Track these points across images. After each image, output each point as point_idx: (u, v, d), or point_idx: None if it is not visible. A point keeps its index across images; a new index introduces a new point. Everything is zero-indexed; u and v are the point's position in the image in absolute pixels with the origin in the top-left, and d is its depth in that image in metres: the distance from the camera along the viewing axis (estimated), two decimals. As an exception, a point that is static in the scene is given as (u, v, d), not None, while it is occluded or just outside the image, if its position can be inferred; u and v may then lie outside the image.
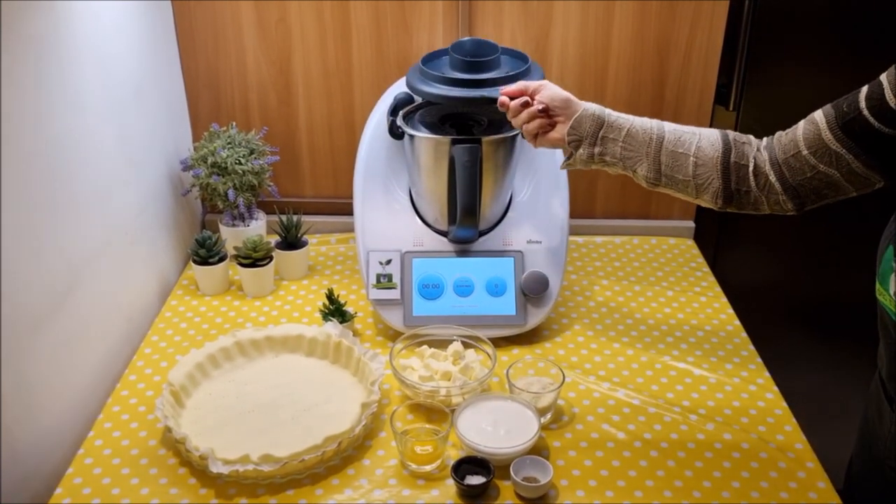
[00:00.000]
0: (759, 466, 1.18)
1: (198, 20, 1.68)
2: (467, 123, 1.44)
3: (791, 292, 1.98)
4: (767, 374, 1.38)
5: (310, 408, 1.28)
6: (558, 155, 1.52)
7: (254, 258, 1.57)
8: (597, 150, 1.17)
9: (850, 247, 1.87)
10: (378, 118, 1.52)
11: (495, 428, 1.20)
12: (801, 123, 1.10)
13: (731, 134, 1.16)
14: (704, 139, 1.15)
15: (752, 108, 1.78)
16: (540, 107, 1.19)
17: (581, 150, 1.18)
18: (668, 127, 1.17)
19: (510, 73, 1.32)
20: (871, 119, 1.01)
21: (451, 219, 1.43)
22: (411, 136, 1.41)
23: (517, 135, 1.41)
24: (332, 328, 1.39)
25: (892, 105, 0.99)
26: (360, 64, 1.71)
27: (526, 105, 1.21)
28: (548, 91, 1.20)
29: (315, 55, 1.70)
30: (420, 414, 1.26)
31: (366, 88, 1.73)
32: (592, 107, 1.18)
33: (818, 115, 1.08)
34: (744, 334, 1.49)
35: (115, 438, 1.22)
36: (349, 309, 1.48)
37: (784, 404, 1.31)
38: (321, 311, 1.48)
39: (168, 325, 1.51)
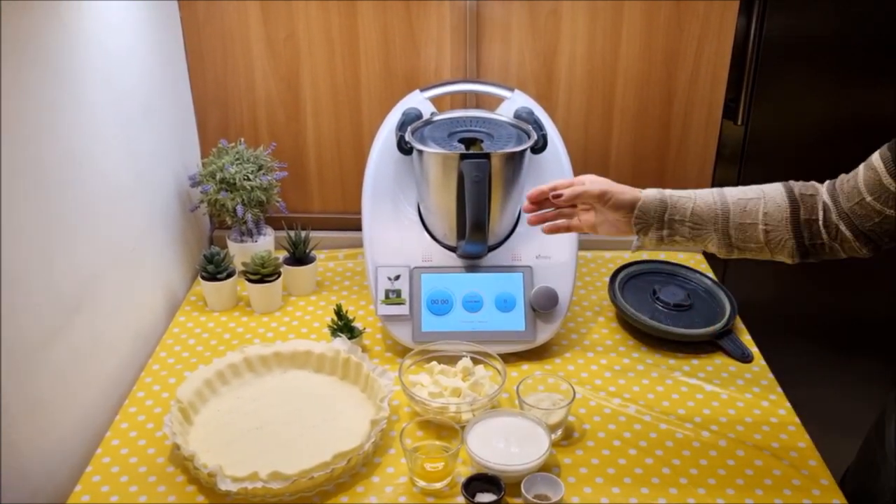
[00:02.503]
0: (773, 483, 1.17)
1: (206, 37, 1.68)
2: (476, 139, 1.44)
3: (801, 308, 1.97)
4: (780, 390, 1.37)
5: (318, 424, 1.27)
6: (566, 168, 1.51)
7: (262, 274, 1.57)
8: (665, 232, 1.15)
9: (861, 262, 1.86)
10: (386, 134, 1.52)
11: (506, 445, 1.19)
12: (861, 169, 1.08)
13: (796, 188, 1.13)
14: (770, 202, 1.12)
15: (761, 123, 1.77)
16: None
17: (649, 235, 1.16)
18: (731, 197, 1.14)
19: None
20: None
21: (461, 234, 1.43)
22: (420, 152, 1.41)
23: (526, 150, 1.41)
24: (341, 344, 1.39)
25: None
26: (369, 80, 1.71)
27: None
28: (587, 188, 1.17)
29: (323, 71, 1.71)
30: (430, 430, 1.25)
31: (374, 104, 1.73)
32: (653, 193, 1.16)
33: (875, 158, 1.05)
34: (755, 349, 1.48)
35: (124, 455, 1.22)
36: (358, 325, 1.47)
37: (797, 420, 1.30)
38: (329, 326, 1.47)
39: (176, 341, 1.51)
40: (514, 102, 1.54)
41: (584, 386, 1.38)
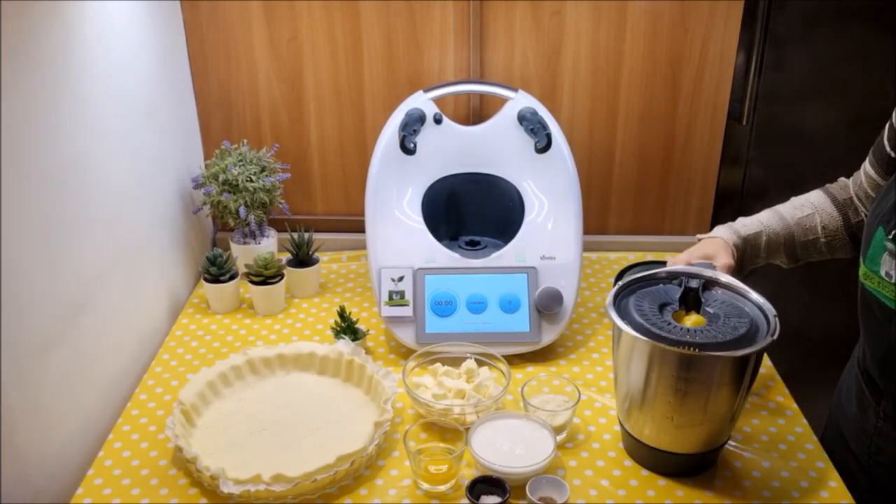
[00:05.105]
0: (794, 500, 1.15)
1: (210, 39, 1.68)
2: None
3: (810, 312, 1.95)
4: (796, 406, 1.33)
5: (322, 426, 1.26)
6: (570, 168, 1.51)
7: (265, 276, 1.56)
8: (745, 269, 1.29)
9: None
10: (390, 135, 1.51)
11: (510, 447, 1.18)
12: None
13: (837, 194, 1.27)
14: (824, 214, 1.26)
15: (765, 123, 1.76)
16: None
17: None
18: (791, 219, 1.27)
19: None
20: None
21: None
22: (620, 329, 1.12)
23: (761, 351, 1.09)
24: (344, 346, 1.38)
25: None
26: (372, 81, 1.71)
27: None
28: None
29: (326, 73, 1.70)
30: (434, 433, 1.25)
31: (377, 105, 1.73)
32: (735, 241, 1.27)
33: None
34: (769, 363, 1.44)
35: (126, 458, 1.21)
36: (361, 326, 1.47)
37: (815, 438, 1.26)
38: (333, 328, 1.47)
39: (179, 343, 1.50)
40: (518, 103, 1.53)
41: (590, 388, 1.37)
